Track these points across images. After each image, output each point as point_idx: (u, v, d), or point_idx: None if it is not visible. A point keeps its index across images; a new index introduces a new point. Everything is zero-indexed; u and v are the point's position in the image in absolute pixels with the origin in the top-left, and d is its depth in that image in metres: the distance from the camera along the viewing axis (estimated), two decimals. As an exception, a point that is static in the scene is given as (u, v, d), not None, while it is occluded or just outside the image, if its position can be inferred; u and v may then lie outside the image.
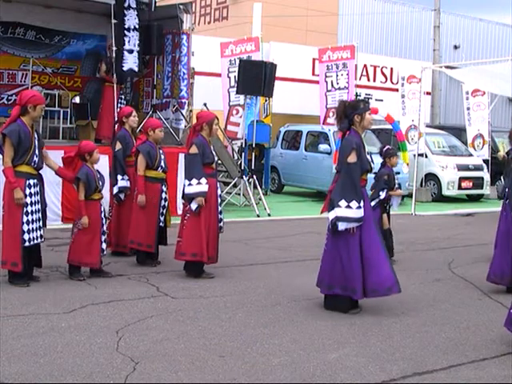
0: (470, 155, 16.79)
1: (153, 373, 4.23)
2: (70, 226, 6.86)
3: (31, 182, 6.21)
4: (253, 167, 13.23)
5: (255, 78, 12.59)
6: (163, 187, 7.50)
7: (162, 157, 7.52)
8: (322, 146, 14.98)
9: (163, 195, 7.46)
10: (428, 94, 20.68)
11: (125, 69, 10.98)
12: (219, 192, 7.08)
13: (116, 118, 11.37)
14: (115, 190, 7.71)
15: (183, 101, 11.91)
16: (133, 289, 6.33)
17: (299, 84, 18.70)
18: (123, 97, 11.66)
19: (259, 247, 8.79)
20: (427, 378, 4.35)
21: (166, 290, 6.31)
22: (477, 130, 17.47)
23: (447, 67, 15.97)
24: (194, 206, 6.70)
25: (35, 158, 6.22)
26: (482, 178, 16.15)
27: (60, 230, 9.03)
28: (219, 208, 7.01)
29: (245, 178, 12.72)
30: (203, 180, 6.63)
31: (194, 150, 6.70)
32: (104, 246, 6.78)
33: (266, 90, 12.98)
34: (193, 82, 12.71)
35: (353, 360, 4.60)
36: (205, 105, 12.89)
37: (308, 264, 7.84)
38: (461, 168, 15.88)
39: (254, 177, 12.95)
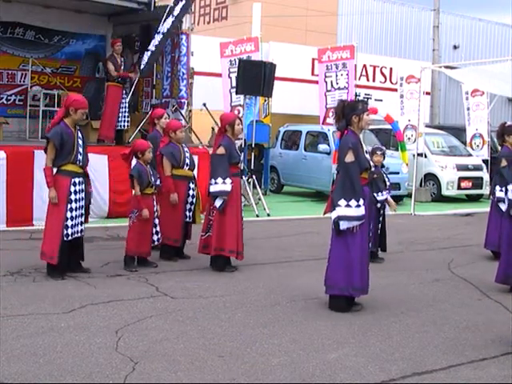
0: (470, 155, 16.79)
1: (152, 373, 4.23)
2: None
3: (76, 180, 6.54)
4: (252, 167, 13.23)
5: (255, 78, 12.57)
6: (190, 184, 7.73)
7: (187, 155, 7.78)
8: (322, 146, 14.98)
9: (190, 192, 7.71)
10: (427, 94, 20.66)
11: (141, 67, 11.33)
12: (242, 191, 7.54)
13: (122, 119, 11.46)
14: None
15: (182, 101, 11.91)
16: (132, 289, 6.33)
17: (299, 84, 18.69)
18: (125, 97, 11.61)
19: (258, 247, 8.78)
20: (427, 378, 4.35)
21: (166, 290, 6.31)
22: (475, 130, 17.49)
23: (446, 67, 15.94)
24: (218, 203, 7.03)
25: (79, 157, 6.54)
26: (482, 178, 16.16)
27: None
28: (241, 205, 7.41)
29: (244, 178, 12.69)
30: (228, 180, 7.01)
31: (221, 151, 7.08)
32: (156, 237, 7.27)
33: (266, 90, 12.98)
34: (192, 81, 12.69)
35: (352, 360, 4.59)
36: (204, 105, 12.86)
37: (308, 264, 7.84)
38: (460, 168, 15.89)
39: (254, 177, 12.95)
